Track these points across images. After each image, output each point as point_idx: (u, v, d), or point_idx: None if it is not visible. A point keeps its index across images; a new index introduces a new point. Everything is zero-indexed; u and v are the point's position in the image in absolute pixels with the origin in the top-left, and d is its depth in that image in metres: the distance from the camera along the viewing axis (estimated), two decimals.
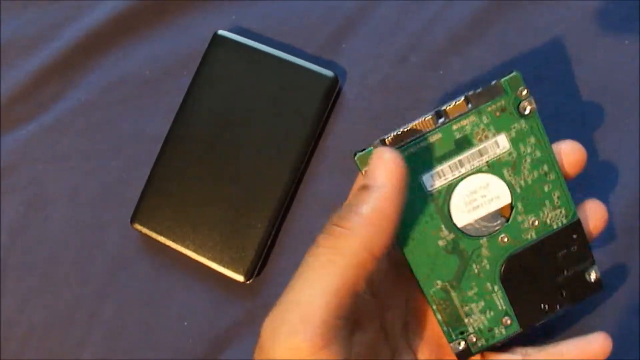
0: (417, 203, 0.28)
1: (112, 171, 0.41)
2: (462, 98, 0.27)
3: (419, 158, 0.28)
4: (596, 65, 0.38)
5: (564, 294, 0.30)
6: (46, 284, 0.40)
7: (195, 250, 0.38)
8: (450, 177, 0.28)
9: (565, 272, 0.29)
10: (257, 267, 0.37)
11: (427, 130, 0.27)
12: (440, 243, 0.28)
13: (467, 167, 0.28)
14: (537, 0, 0.39)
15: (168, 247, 0.38)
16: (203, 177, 0.38)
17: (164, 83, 0.42)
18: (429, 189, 0.28)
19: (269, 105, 0.39)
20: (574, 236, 0.29)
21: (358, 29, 0.41)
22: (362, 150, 0.28)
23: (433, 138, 0.28)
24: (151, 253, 0.40)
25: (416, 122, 0.27)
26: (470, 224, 0.28)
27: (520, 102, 0.27)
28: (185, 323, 0.38)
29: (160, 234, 0.38)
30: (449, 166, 0.28)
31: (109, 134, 0.42)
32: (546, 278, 0.29)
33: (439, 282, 0.29)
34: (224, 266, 0.37)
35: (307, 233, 0.38)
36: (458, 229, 0.28)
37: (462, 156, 0.28)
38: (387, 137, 0.28)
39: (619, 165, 0.37)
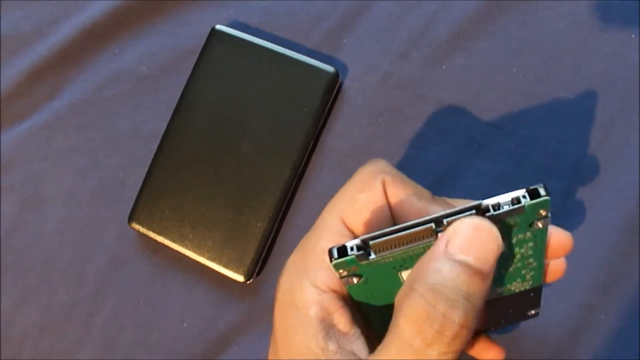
0: (393, 289, 0.24)
1: (109, 169, 0.41)
2: (474, 212, 0.22)
3: (406, 258, 0.23)
4: (600, 60, 0.38)
5: (503, 321, 0.30)
6: (43, 284, 0.40)
7: (193, 250, 0.37)
8: None
9: (510, 311, 0.29)
10: (257, 267, 0.37)
11: (423, 241, 0.23)
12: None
13: None
14: None
15: (166, 246, 0.38)
16: (201, 175, 0.38)
17: (161, 79, 0.41)
18: (404, 279, 0.24)
19: (268, 101, 0.38)
20: (531, 294, 0.27)
21: (359, 23, 0.40)
22: (340, 255, 0.23)
23: (426, 245, 0.23)
24: (149, 253, 0.39)
25: (413, 230, 0.22)
26: None
27: (535, 220, 0.23)
28: (184, 323, 0.38)
29: (158, 233, 0.38)
30: None
31: (106, 131, 0.41)
32: (491, 313, 0.28)
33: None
34: (223, 266, 0.37)
35: (308, 232, 0.37)
36: None
37: None
38: (376, 240, 0.22)
39: (628, 161, 0.36)
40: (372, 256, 0.22)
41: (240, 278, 0.36)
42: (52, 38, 0.43)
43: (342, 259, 0.22)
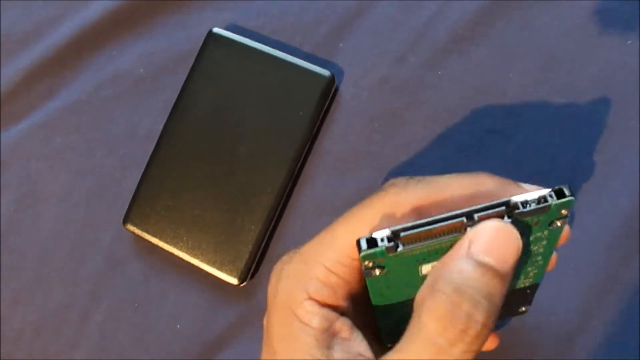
0: (410, 282, 0.25)
1: (105, 170, 0.41)
2: (503, 208, 0.22)
3: (431, 252, 0.24)
4: (598, 65, 0.38)
5: None
6: (38, 284, 0.40)
7: (188, 252, 0.37)
8: None
9: (502, 306, 0.29)
10: (250, 270, 0.37)
11: (452, 235, 0.23)
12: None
13: None
14: (538, 0, 0.39)
15: (161, 248, 0.38)
16: (197, 177, 0.38)
17: (158, 81, 0.41)
18: (424, 273, 0.25)
19: (264, 104, 0.38)
20: (528, 291, 0.28)
21: (356, 27, 0.40)
22: (370, 246, 0.22)
23: (453, 240, 0.23)
24: (144, 254, 0.39)
25: (444, 224, 0.22)
26: None
27: (555, 219, 0.24)
28: (178, 325, 0.38)
29: (153, 235, 0.38)
30: None
31: (103, 131, 0.41)
32: None
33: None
34: (217, 268, 0.37)
35: (302, 236, 0.37)
36: None
37: None
38: (408, 232, 0.22)
39: (625, 166, 0.36)
40: (401, 248, 0.22)
41: (234, 281, 0.36)
42: (51, 38, 0.43)
43: (372, 250, 0.22)
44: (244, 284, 0.37)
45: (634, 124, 0.37)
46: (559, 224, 0.24)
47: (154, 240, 0.38)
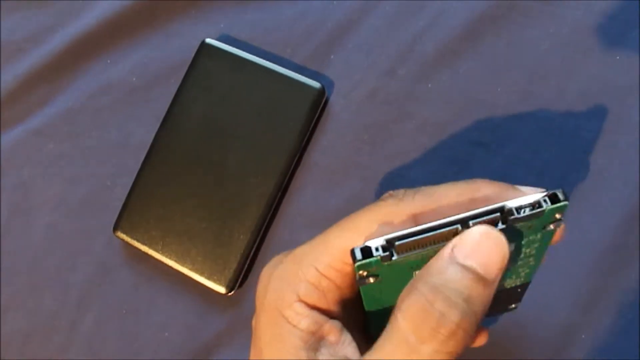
0: (403, 287, 0.24)
1: (97, 178, 0.41)
2: (498, 215, 0.22)
3: (425, 258, 0.23)
4: (585, 80, 0.38)
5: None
6: (29, 289, 0.40)
7: (177, 261, 0.37)
8: None
9: (492, 303, 0.29)
10: (239, 279, 0.37)
11: (447, 242, 0.23)
12: None
13: None
14: (528, 14, 0.39)
15: (150, 256, 0.38)
16: (187, 187, 0.38)
17: (151, 90, 0.42)
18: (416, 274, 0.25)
19: (255, 115, 0.38)
20: (519, 290, 0.28)
21: (347, 40, 0.40)
22: (364, 256, 0.22)
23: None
24: (133, 262, 0.39)
25: (439, 232, 0.22)
26: None
27: (549, 223, 0.24)
28: (166, 333, 0.38)
29: (143, 243, 0.38)
30: None
31: (96, 140, 0.42)
32: None
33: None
34: (205, 277, 0.37)
35: (290, 246, 0.37)
36: None
37: None
38: (402, 241, 0.22)
39: (611, 181, 0.37)
40: (395, 257, 0.22)
41: (222, 290, 0.37)
42: (46, 46, 0.43)
43: (366, 261, 0.22)
44: (232, 293, 0.37)
45: (620, 139, 0.37)
46: (552, 227, 0.24)
47: (144, 248, 0.38)
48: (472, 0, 0.40)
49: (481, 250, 0.22)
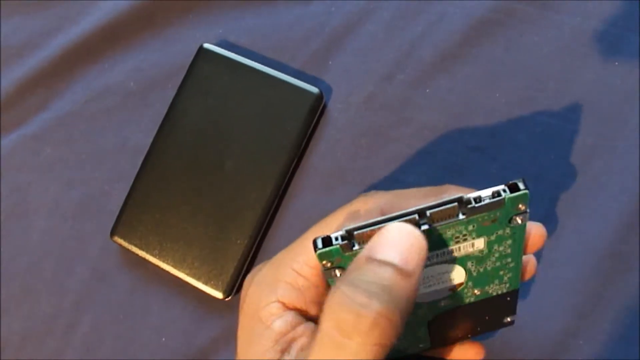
0: None
1: (94, 182, 0.41)
2: (455, 204, 0.22)
3: None
4: (583, 86, 0.38)
5: (479, 329, 0.30)
6: (25, 294, 0.40)
7: (174, 266, 0.37)
8: None
9: (487, 318, 0.29)
10: (236, 284, 0.37)
11: None
12: None
13: (434, 261, 0.25)
14: (526, 20, 0.39)
15: (147, 261, 0.38)
16: (184, 191, 0.38)
17: (148, 95, 0.42)
18: None
19: (253, 120, 0.38)
20: (508, 298, 0.28)
21: (345, 45, 0.40)
22: (325, 245, 0.23)
23: None
24: (130, 267, 0.39)
25: (396, 222, 0.22)
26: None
27: (514, 215, 0.23)
28: (163, 338, 0.38)
29: (140, 247, 0.38)
30: None
31: (92, 144, 0.42)
32: (468, 319, 0.29)
33: None
34: (203, 282, 0.37)
35: (285, 248, 0.38)
36: None
37: (432, 253, 0.24)
38: (361, 231, 0.23)
39: (609, 187, 0.37)
40: (356, 247, 0.22)
41: (219, 295, 0.37)
42: (44, 51, 0.43)
43: (327, 249, 0.22)
44: (229, 298, 0.37)
45: (618, 145, 0.37)
46: (519, 220, 0.23)
47: (141, 253, 0.38)
48: (470, 6, 0.40)
49: (396, 244, 0.21)
